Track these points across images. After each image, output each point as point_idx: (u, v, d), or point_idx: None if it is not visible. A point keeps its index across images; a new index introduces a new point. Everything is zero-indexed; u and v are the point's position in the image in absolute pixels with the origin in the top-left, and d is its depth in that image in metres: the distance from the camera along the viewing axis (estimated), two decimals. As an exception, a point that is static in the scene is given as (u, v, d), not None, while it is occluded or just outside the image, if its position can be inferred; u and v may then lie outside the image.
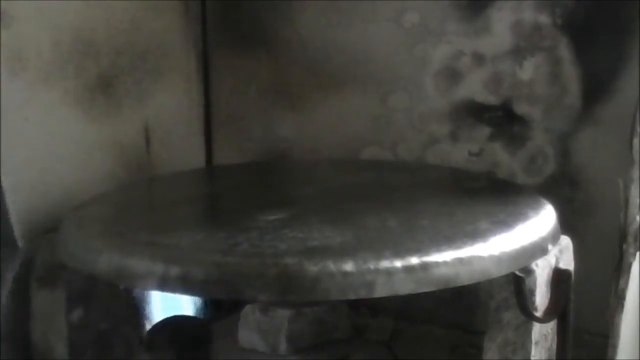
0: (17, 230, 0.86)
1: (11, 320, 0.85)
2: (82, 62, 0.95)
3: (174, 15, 1.11)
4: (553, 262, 0.75)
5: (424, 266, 0.63)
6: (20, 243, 0.86)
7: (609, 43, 0.98)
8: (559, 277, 0.74)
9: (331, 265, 0.61)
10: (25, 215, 0.88)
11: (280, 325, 0.91)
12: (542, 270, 0.72)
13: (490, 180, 1.00)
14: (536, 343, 0.74)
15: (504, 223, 0.72)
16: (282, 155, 1.16)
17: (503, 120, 1.04)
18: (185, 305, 1.01)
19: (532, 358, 0.73)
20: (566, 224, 0.79)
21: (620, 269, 0.87)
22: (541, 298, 0.73)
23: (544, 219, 0.76)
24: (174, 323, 0.89)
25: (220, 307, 1.01)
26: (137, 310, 0.93)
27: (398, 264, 0.62)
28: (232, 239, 0.68)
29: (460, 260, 0.64)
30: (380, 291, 0.62)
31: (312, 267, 0.61)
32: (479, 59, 1.04)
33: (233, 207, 0.84)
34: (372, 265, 0.62)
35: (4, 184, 0.85)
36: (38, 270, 0.81)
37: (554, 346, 0.77)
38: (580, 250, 0.81)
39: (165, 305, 0.96)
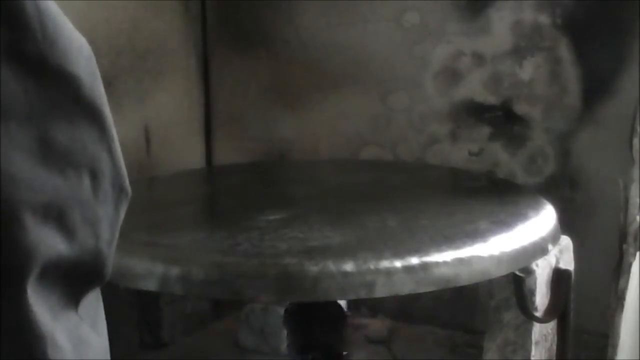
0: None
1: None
2: (82, 62, 0.95)
3: (174, 15, 1.12)
4: (553, 262, 0.75)
5: (424, 266, 0.63)
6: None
7: (609, 43, 0.98)
8: (559, 277, 0.74)
9: (331, 265, 0.61)
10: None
11: (280, 325, 0.91)
12: (542, 270, 0.72)
13: (490, 180, 1.00)
14: (536, 343, 0.74)
15: (504, 223, 0.72)
16: (282, 155, 1.16)
17: (503, 120, 1.04)
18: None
19: (532, 358, 0.73)
20: (566, 224, 0.79)
21: (620, 269, 0.87)
22: (541, 298, 0.73)
23: (544, 219, 0.76)
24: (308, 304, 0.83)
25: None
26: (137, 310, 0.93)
27: (398, 264, 0.62)
28: (232, 239, 0.68)
29: (460, 260, 0.64)
30: (380, 291, 0.62)
31: (312, 267, 0.61)
32: (479, 59, 1.04)
33: (233, 207, 0.84)
34: (372, 265, 0.62)
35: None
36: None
37: (554, 346, 0.77)
38: (580, 250, 0.81)
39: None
